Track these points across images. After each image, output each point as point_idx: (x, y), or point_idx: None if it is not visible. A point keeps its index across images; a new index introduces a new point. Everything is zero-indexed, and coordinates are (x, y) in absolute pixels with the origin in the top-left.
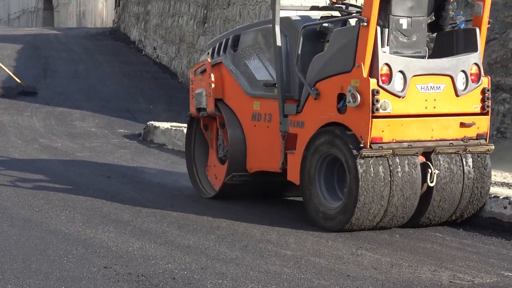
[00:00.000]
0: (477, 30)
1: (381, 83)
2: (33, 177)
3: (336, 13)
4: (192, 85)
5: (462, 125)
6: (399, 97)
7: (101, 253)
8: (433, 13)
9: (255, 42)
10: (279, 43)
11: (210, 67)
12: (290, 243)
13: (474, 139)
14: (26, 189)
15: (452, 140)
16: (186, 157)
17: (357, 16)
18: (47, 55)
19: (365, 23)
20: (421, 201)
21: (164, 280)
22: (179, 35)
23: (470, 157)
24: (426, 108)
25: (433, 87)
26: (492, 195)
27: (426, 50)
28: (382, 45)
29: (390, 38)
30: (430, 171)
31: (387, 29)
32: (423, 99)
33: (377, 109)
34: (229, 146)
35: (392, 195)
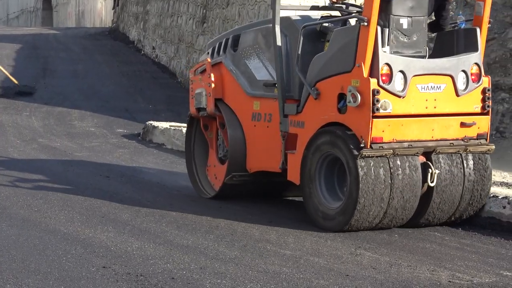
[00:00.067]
0: (477, 29)
1: (381, 83)
2: (32, 177)
3: (336, 13)
4: (192, 85)
5: (463, 125)
6: (399, 97)
7: (100, 253)
8: (434, 12)
9: (255, 42)
10: (279, 43)
11: (210, 67)
12: (289, 242)
13: (475, 139)
14: (25, 188)
15: (452, 140)
16: (186, 157)
17: (357, 16)
18: (46, 55)
19: (365, 23)
20: (421, 202)
21: (163, 280)
22: (178, 35)
23: (471, 159)
24: (426, 108)
25: (434, 87)
26: (491, 195)
27: (427, 50)
28: (383, 45)
29: (391, 38)
30: (430, 171)
31: (387, 29)
32: (424, 99)
33: (377, 109)
34: (229, 146)
35: (392, 197)
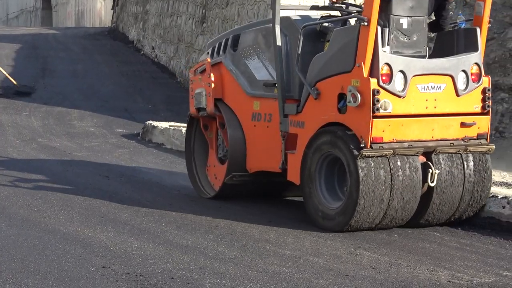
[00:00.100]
0: (477, 29)
1: (381, 83)
2: (31, 176)
3: (336, 12)
4: (192, 85)
5: (463, 125)
6: (399, 97)
7: (100, 252)
8: (434, 12)
9: (255, 42)
10: (279, 43)
11: (210, 66)
12: (289, 242)
13: (475, 139)
14: (25, 188)
15: (452, 140)
16: (186, 157)
17: (357, 15)
18: (45, 54)
19: (365, 23)
20: (420, 202)
21: (162, 279)
22: (177, 34)
23: (472, 160)
24: (426, 108)
25: (434, 87)
26: (491, 195)
27: (427, 49)
28: (383, 45)
29: (391, 38)
30: (430, 171)
31: (387, 28)
32: (424, 99)
33: (377, 109)
34: (229, 146)
35: (392, 198)
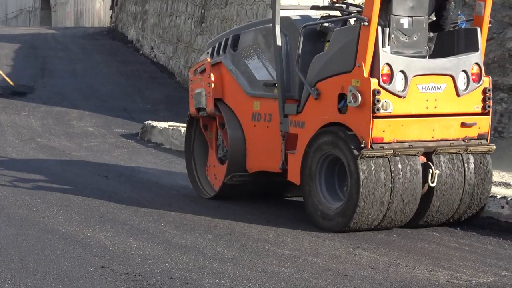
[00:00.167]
0: (478, 29)
1: (382, 83)
2: (30, 176)
3: (336, 12)
4: (192, 84)
5: (463, 125)
6: (400, 97)
7: (99, 252)
8: (434, 12)
9: (255, 42)
10: (279, 42)
11: (210, 66)
12: (288, 242)
13: (475, 139)
14: (24, 188)
15: (453, 140)
16: (185, 157)
17: (357, 16)
18: (44, 54)
19: (366, 23)
20: (420, 204)
21: (161, 279)
22: (176, 34)
23: (473, 163)
24: (427, 108)
25: (434, 87)
26: (490, 195)
27: (427, 50)
28: (383, 45)
29: (391, 38)
30: (431, 171)
31: (388, 28)
32: (424, 99)
33: (378, 109)
34: (229, 146)
35: (392, 201)
